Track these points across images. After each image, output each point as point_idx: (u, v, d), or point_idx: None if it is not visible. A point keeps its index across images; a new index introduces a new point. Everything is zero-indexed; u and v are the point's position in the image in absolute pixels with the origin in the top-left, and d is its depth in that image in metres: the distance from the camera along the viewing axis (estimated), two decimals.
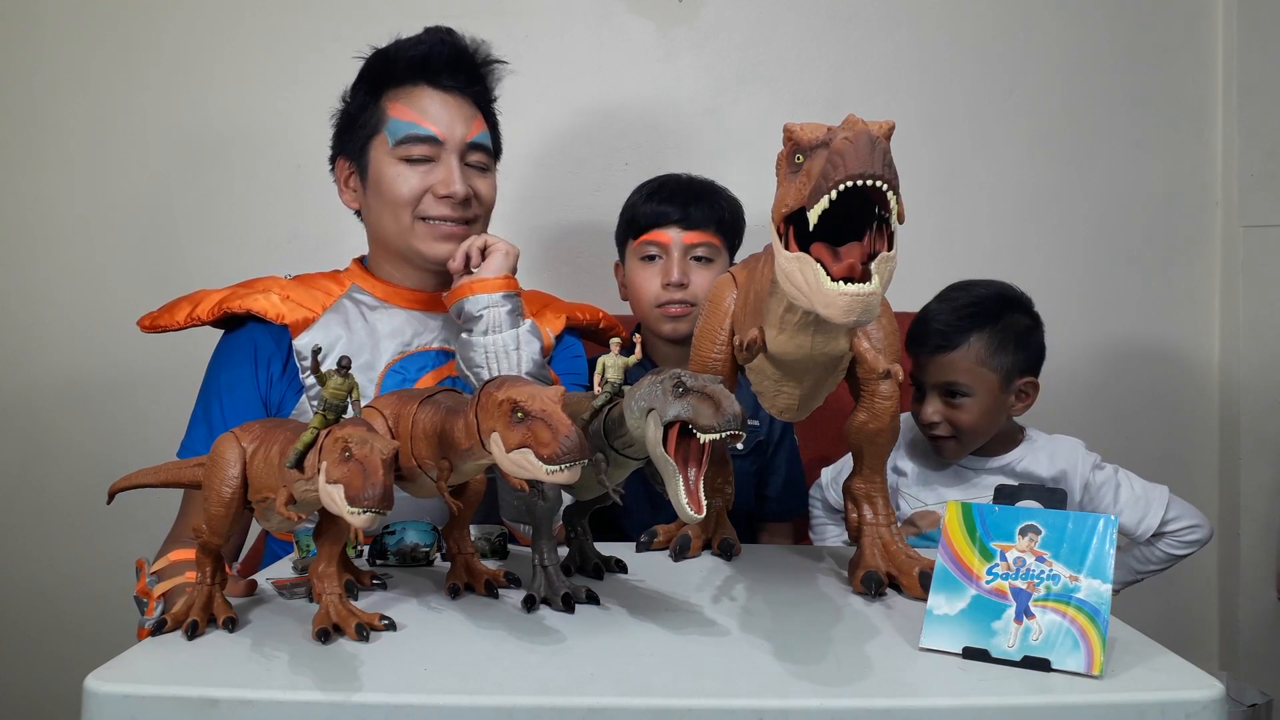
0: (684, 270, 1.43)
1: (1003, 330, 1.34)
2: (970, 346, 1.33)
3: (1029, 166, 1.97)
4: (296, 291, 1.29)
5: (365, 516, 0.70)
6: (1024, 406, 1.38)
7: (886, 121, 0.69)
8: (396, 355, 1.28)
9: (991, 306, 1.36)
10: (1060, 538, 0.76)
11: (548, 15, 1.95)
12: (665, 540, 1.12)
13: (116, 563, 1.86)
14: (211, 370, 1.30)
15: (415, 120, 1.27)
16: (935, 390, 1.36)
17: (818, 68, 1.96)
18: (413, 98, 1.28)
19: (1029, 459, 1.39)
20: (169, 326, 1.26)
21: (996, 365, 1.33)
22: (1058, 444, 1.42)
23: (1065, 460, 1.39)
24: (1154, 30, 1.96)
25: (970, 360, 1.33)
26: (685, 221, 1.44)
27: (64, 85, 1.93)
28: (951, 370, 1.33)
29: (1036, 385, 1.38)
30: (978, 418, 1.34)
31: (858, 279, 0.68)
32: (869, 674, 0.73)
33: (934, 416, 1.35)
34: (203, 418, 1.26)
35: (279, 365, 1.27)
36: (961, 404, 1.34)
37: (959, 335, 1.34)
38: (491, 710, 0.67)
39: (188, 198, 1.94)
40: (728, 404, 0.74)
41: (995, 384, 1.34)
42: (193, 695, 0.68)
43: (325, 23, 1.90)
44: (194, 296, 1.29)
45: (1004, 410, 1.37)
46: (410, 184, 1.27)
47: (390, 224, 1.29)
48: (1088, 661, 0.71)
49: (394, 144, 1.27)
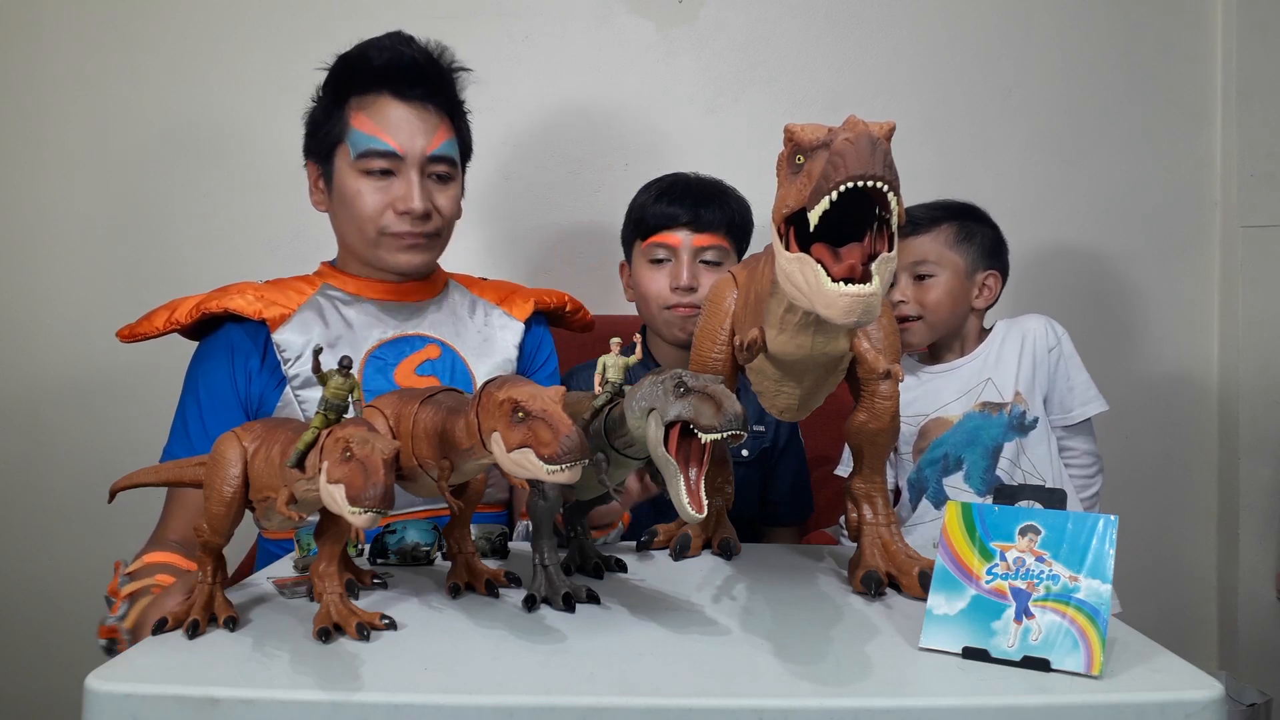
0: (694, 273, 1.42)
1: (969, 228, 1.50)
2: (940, 231, 1.48)
3: (1029, 166, 1.97)
4: (270, 292, 1.32)
5: (366, 516, 0.70)
6: (986, 300, 1.50)
7: (887, 122, 0.69)
8: (375, 343, 1.31)
9: (963, 209, 1.52)
10: (1060, 538, 0.76)
11: (547, 15, 1.95)
12: (665, 540, 1.12)
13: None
14: (189, 376, 1.32)
15: (376, 134, 1.27)
16: (904, 271, 1.47)
17: (817, 68, 1.96)
18: (375, 108, 1.29)
19: (999, 344, 1.48)
20: (148, 334, 1.27)
21: (963, 252, 1.48)
22: (1025, 319, 1.51)
23: (1040, 332, 1.48)
24: (1154, 30, 1.97)
25: (939, 243, 1.48)
26: (696, 224, 1.42)
27: (64, 85, 1.93)
28: (921, 250, 1.48)
29: (999, 279, 1.51)
30: (942, 296, 1.46)
31: (858, 280, 0.68)
32: (869, 674, 0.73)
33: (901, 296, 1.46)
34: (180, 424, 1.28)
35: (256, 360, 1.29)
36: (928, 284, 1.46)
37: (929, 222, 1.49)
38: (491, 710, 0.67)
39: (188, 197, 1.94)
40: (729, 404, 0.74)
41: (961, 268, 1.48)
42: (193, 695, 0.68)
43: (325, 22, 1.90)
44: (171, 304, 1.30)
45: (967, 297, 1.48)
46: (373, 201, 1.29)
47: (355, 235, 1.32)
48: (1087, 662, 0.71)
49: (355, 157, 1.28)
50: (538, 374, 1.45)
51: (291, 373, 1.27)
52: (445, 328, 1.36)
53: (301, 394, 1.26)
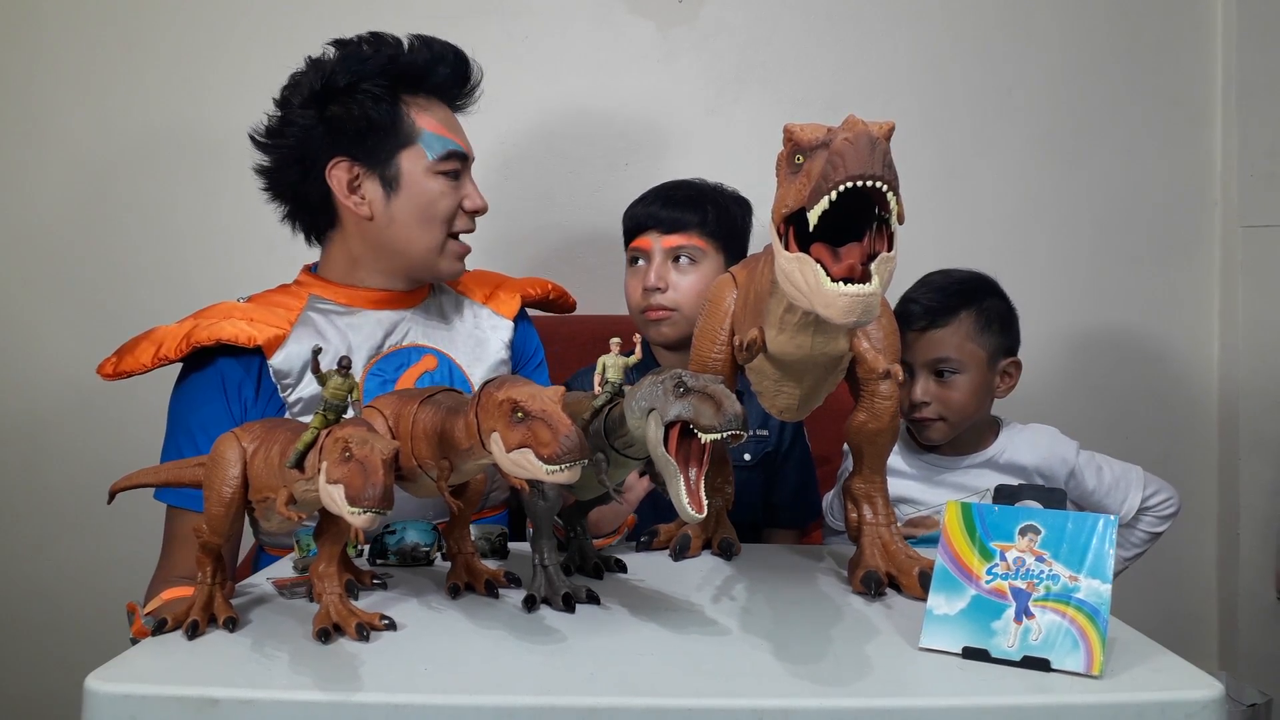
0: (661, 274, 1.43)
1: (987, 310, 1.37)
2: (960, 323, 1.35)
3: (1029, 166, 1.97)
4: (258, 312, 1.25)
5: (365, 516, 0.70)
6: (1008, 388, 1.40)
7: (887, 122, 0.69)
8: (373, 357, 1.28)
9: (974, 288, 1.39)
10: (1060, 538, 0.76)
11: (548, 15, 1.95)
12: (665, 540, 1.12)
13: (116, 563, 1.87)
14: (179, 412, 1.25)
15: (448, 136, 1.29)
16: (925, 369, 1.36)
17: (818, 68, 1.96)
18: (431, 110, 1.29)
19: (1010, 450, 1.40)
20: (134, 371, 1.20)
21: (984, 343, 1.36)
22: (1036, 432, 1.43)
23: (1047, 447, 1.40)
24: (1154, 30, 1.96)
25: (960, 336, 1.35)
26: (662, 225, 1.44)
27: (64, 85, 1.93)
28: (942, 346, 1.35)
29: (1019, 365, 1.41)
30: (968, 395, 1.35)
31: (858, 279, 0.68)
32: (869, 674, 0.73)
33: (924, 396, 1.35)
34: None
35: (251, 389, 1.24)
36: (952, 381, 1.35)
37: (948, 313, 1.36)
38: (491, 710, 0.67)
39: (188, 197, 1.93)
40: (729, 404, 0.74)
41: (983, 361, 1.36)
42: (193, 695, 0.68)
43: (325, 23, 1.89)
44: (152, 335, 1.23)
45: (990, 391, 1.38)
46: (451, 201, 1.29)
47: (418, 238, 1.29)
48: (1087, 661, 0.71)
49: (435, 159, 1.27)
50: (526, 367, 1.46)
51: (291, 399, 1.23)
52: (439, 335, 1.35)
53: (304, 420, 1.23)
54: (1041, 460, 1.38)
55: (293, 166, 1.30)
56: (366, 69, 1.26)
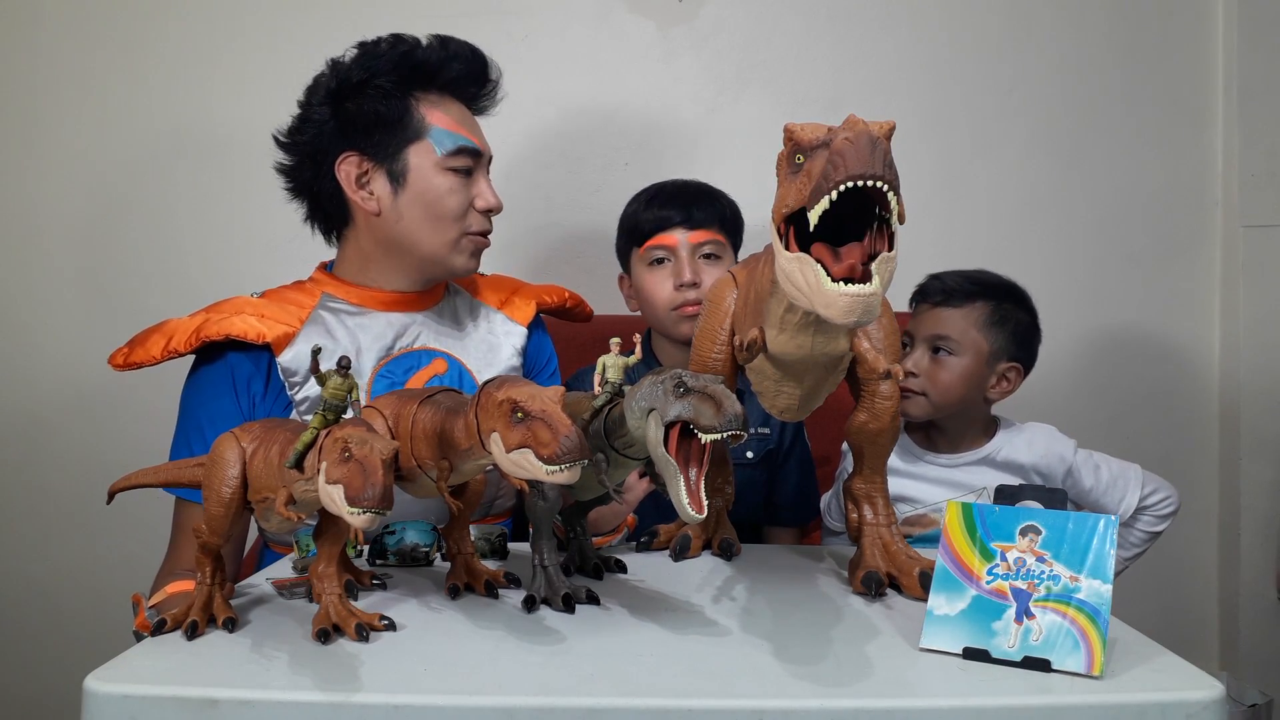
0: (695, 269, 1.43)
1: (1004, 310, 1.37)
2: (972, 309, 1.36)
3: (1029, 166, 1.97)
4: (269, 309, 1.25)
5: (365, 517, 0.70)
6: (1002, 392, 1.39)
7: (887, 122, 0.69)
8: (382, 360, 1.28)
9: (1002, 290, 1.39)
10: (1060, 538, 0.76)
11: (547, 15, 1.95)
12: (665, 540, 1.12)
13: (116, 563, 1.87)
14: (188, 406, 1.25)
15: (459, 131, 1.28)
16: (924, 342, 1.36)
17: (818, 68, 1.96)
18: (447, 107, 1.29)
19: (1008, 448, 1.39)
20: (144, 362, 1.20)
21: (989, 337, 1.35)
22: (1034, 431, 1.42)
23: (1045, 445, 1.39)
24: (1154, 30, 1.96)
25: (967, 322, 1.35)
26: (689, 222, 1.44)
27: (64, 86, 1.93)
28: (947, 325, 1.35)
29: (1020, 373, 1.40)
30: (956, 379, 1.34)
31: (858, 279, 0.68)
32: (869, 674, 0.73)
33: (914, 368, 1.35)
34: (186, 455, 1.21)
35: (260, 385, 1.24)
36: (945, 361, 1.35)
37: (964, 297, 1.36)
38: (491, 710, 0.67)
39: (188, 197, 1.93)
40: (729, 404, 0.74)
41: (983, 353, 1.35)
42: (193, 695, 0.68)
43: (326, 23, 1.90)
44: (164, 328, 1.22)
45: (981, 386, 1.37)
46: (460, 198, 1.28)
47: (429, 235, 1.28)
48: (1088, 662, 0.71)
49: (444, 154, 1.26)
50: (539, 376, 1.45)
51: (299, 397, 1.22)
52: (450, 339, 1.34)
53: (309, 418, 1.23)
54: (1039, 458, 1.38)
55: (307, 163, 1.31)
56: (379, 65, 1.26)
